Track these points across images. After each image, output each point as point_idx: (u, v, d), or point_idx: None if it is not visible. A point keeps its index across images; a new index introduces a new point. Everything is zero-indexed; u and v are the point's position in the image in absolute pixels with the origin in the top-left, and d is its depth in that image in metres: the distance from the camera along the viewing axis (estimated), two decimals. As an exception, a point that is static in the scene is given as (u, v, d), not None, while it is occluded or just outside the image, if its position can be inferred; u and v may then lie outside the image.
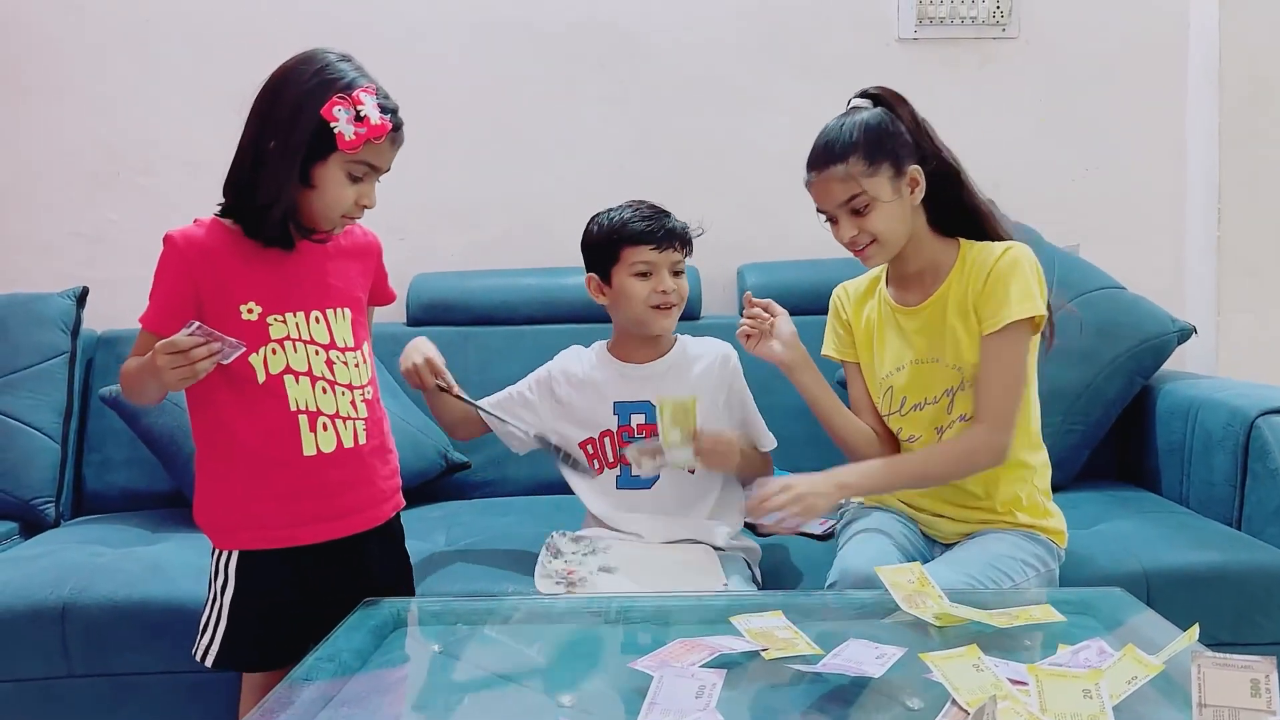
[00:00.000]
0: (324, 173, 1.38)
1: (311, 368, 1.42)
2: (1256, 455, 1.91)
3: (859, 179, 1.54)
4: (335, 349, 1.45)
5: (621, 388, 1.75)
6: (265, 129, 1.37)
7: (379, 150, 1.40)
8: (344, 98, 1.35)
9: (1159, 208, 2.73)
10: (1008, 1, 2.67)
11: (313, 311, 1.44)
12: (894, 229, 1.58)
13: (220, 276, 1.39)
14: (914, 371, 1.65)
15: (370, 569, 1.51)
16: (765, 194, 2.71)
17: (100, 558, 1.91)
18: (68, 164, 2.65)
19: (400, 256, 2.17)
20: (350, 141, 1.35)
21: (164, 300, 1.38)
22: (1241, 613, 1.74)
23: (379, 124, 1.36)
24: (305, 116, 1.34)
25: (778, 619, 1.30)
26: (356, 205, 1.42)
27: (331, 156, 1.37)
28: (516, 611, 1.53)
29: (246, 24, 2.62)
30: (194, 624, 1.71)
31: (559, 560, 1.67)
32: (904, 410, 1.66)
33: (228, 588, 1.45)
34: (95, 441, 2.39)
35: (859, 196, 1.55)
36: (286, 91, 1.37)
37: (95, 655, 1.75)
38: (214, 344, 1.27)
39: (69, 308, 2.40)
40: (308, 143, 1.35)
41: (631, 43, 2.68)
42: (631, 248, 1.69)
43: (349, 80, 1.37)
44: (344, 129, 1.34)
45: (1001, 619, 1.29)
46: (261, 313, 1.40)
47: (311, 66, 1.38)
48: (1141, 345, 2.24)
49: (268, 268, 1.41)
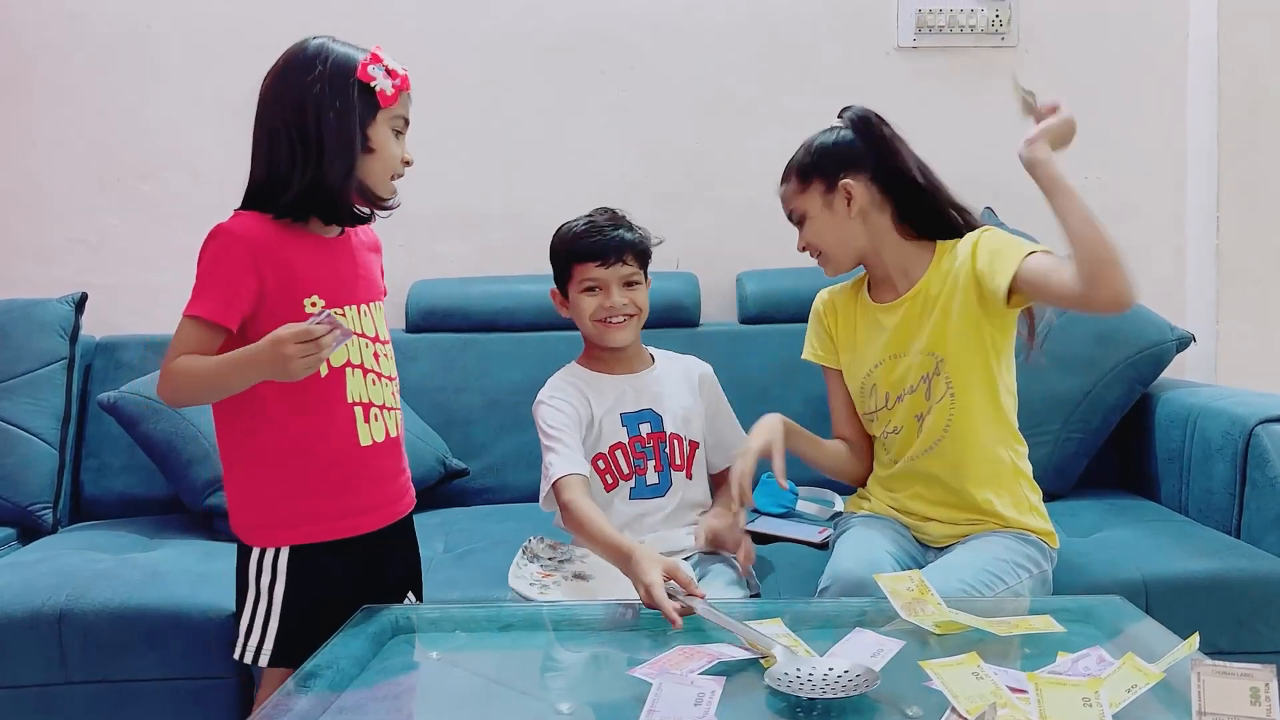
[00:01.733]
0: (376, 133, 1.42)
1: (364, 360, 1.45)
2: (1255, 463, 1.91)
3: (793, 198, 1.74)
4: (379, 342, 1.49)
5: (622, 399, 1.74)
6: (301, 112, 1.38)
7: (406, 101, 1.45)
8: (373, 59, 1.41)
9: (1158, 216, 2.73)
10: (1007, 11, 2.67)
11: (361, 305, 1.47)
12: (827, 240, 1.71)
13: (287, 269, 1.39)
14: (890, 366, 1.69)
15: (407, 557, 1.59)
16: (765, 202, 2.67)
17: (98, 564, 1.90)
18: (69, 169, 2.65)
19: (401, 263, 2.18)
20: (390, 96, 1.41)
21: (226, 291, 1.36)
22: (1241, 621, 1.74)
23: (403, 73, 1.44)
24: (347, 84, 1.39)
25: (777, 626, 1.30)
26: (402, 162, 1.46)
27: (379, 115, 1.41)
28: (515, 618, 1.52)
29: (248, 32, 2.63)
30: (191, 630, 1.73)
31: (534, 565, 1.68)
32: (889, 404, 1.70)
33: (277, 584, 1.42)
34: (93, 447, 2.39)
35: (794, 212, 1.75)
36: (309, 72, 1.39)
37: (92, 662, 1.75)
38: (337, 331, 1.28)
39: (68, 313, 2.40)
40: (358, 108, 1.39)
41: (633, 53, 2.69)
42: (580, 264, 1.71)
43: (357, 48, 1.44)
44: (383, 84, 1.40)
45: (1001, 627, 1.29)
46: (324, 305, 1.39)
47: (312, 48, 1.43)
48: (1141, 353, 2.24)
49: (324, 260, 1.44)
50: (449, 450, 2.33)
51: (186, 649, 1.74)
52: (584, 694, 1.27)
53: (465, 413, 2.41)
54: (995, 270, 1.55)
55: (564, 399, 1.71)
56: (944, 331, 1.63)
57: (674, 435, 1.74)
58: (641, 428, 1.73)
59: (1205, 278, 2.68)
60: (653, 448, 1.73)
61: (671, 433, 1.74)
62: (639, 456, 1.72)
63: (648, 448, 1.73)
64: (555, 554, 1.71)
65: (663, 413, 1.75)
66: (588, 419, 1.71)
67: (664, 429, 1.74)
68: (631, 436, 1.73)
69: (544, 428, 1.68)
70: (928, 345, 1.65)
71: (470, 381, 2.42)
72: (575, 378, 1.76)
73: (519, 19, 2.67)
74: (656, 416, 1.74)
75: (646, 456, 1.73)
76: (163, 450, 2.15)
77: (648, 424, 1.74)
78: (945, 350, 1.63)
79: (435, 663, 1.39)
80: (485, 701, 1.26)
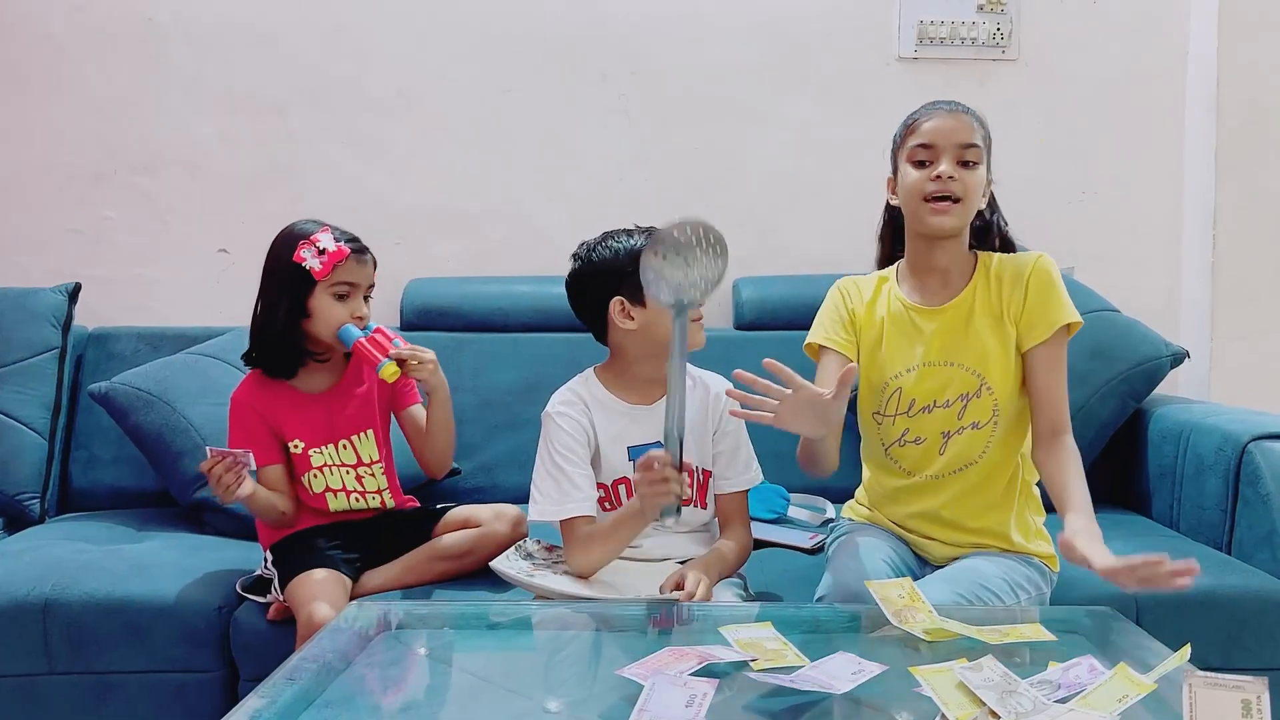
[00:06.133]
0: (315, 302, 1.77)
1: (345, 484, 1.84)
2: (1248, 480, 1.90)
3: (974, 133, 1.59)
4: (362, 465, 1.85)
5: (632, 431, 1.66)
6: (266, 288, 1.80)
7: (350, 269, 1.77)
8: (306, 242, 1.76)
9: (1155, 231, 2.74)
10: (1008, 24, 2.68)
11: (341, 440, 1.84)
12: (977, 197, 1.61)
13: (275, 421, 1.81)
14: (926, 374, 1.63)
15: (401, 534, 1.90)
16: (763, 208, 2.71)
17: (84, 554, 1.89)
18: (66, 160, 2.64)
19: (395, 262, 2.17)
20: (320, 271, 1.75)
21: (252, 443, 1.76)
22: (1231, 636, 1.73)
23: (336, 250, 1.76)
24: (287, 267, 1.77)
25: (767, 630, 1.29)
26: (353, 317, 1.78)
27: (316, 288, 1.76)
28: (504, 616, 1.51)
29: (249, 25, 2.63)
30: (177, 623, 1.72)
31: (526, 561, 1.65)
32: (912, 412, 1.64)
33: None
34: (83, 438, 2.38)
35: (974, 148, 1.59)
36: (272, 259, 1.80)
37: (76, 653, 1.73)
38: (228, 459, 1.63)
39: (61, 303, 2.39)
40: (295, 284, 1.76)
41: (634, 54, 2.69)
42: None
43: (308, 230, 1.78)
44: (312, 263, 1.75)
45: (991, 635, 1.28)
46: (304, 446, 1.81)
47: (285, 235, 1.80)
48: (1135, 369, 2.24)
49: (306, 410, 1.82)
50: (440, 449, 2.31)
51: (171, 642, 1.73)
52: (573, 693, 1.26)
53: (458, 413, 2.31)
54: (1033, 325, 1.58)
55: (574, 418, 1.64)
56: (985, 352, 1.60)
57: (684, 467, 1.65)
58: None
59: (1200, 293, 2.68)
60: None
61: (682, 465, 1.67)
62: None
63: None
64: (550, 555, 1.69)
65: None
66: (593, 447, 1.65)
67: None
68: None
69: (553, 449, 1.62)
70: (972, 363, 1.61)
71: (464, 381, 2.41)
72: (588, 394, 1.68)
73: (521, 18, 2.67)
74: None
75: None
76: (153, 443, 2.14)
77: None
78: (990, 374, 1.60)
79: (423, 659, 1.38)
80: (472, 699, 1.25)
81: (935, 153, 1.58)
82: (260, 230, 1.92)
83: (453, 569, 1.81)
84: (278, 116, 2.65)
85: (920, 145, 1.59)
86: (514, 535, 1.81)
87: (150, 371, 2.21)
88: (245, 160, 2.65)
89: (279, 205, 2.54)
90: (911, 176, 1.60)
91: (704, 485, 1.71)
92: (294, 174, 2.66)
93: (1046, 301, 1.59)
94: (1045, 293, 1.59)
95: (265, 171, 2.65)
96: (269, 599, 1.74)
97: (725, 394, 1.56)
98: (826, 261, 2.61)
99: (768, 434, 1.82)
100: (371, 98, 2.66)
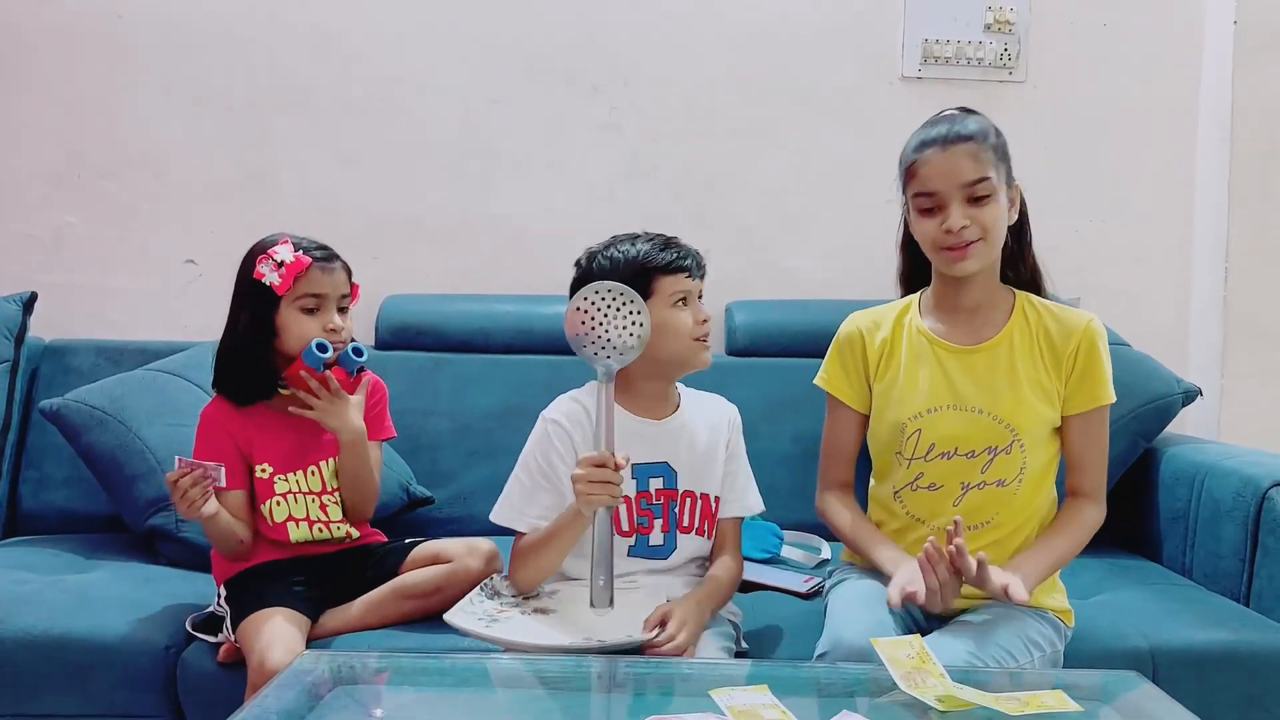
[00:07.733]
0: (281, 318, 1.68)
1: (308, 513, 1.73)
2: (1268, 528, 1.80)
3: (986, 166, 1.45)
4: (327, 493, 1.75)
5: (638, 448, 1.55)
6: (232, 308, 1.71)
7: (314, 279, 1.67)
8: (263, 256, 1.66)
9: (1163, 263, 2.66)
10: (1016, 44, 2.59)
11: (309, 466, 1.74)
12: (1001, 231, 1.49)
13: (245, 442, 1.71)
14: (950, 417, 1.53)
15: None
16: (759, 229, 2.61)
17: (24, 585, 1.76)
18: (26, 161, 2.52)
19: (372, 276, 2.06)
20: (280, 285, 1.65)
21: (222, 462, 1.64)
22: (1252, 697, 1.63)
23: (294, 260, 1.65)
24: (248, 284, 1.68)
25: (763, 695, 1.17)
26: (325, 330, 1.67)
27: (280, 303, 1.67)
28: (470, 672, 1.38)
29: (224, 24, 2.52)
30: (120, 664, 1.59)
31: (493, 601, 1.53)
32: (929, 456, 1.54)
33: None
34: (34, 458, 2.25)
35: (984, 182, 1.44)
36: (239, 277, 1.71)
37: (7, 695, 1.60)
38: (198, 471, 1.55)
39: (15, 313, 2.26)
40: (258, 303, 1.67)
41: (627, 68, 2.59)
42: (668, 276, 1.54)
43: (267, 243, 1.68)
44: (271, 278, 1.65)
45: (1011, 705, 1.17)
46: (272, 471, 1.71)
47: (250, 251, 1.70)
48: (1145, 406, 2.14)
49: (278, 433, 1.72)
50: (413, 476, 2.20)
51: (113, 685, 1.60)
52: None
53: (433, 437, 2.28)
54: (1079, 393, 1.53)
55: (568, 433, 1.57)
56: (1022, 405, 1.50)
57: (686, 493, 1.59)
58: (652, 483, 1.58)
59: (1211, 329, 2.59)
60: (661, 506, 1.58)
61: (685, 490, 1.59)
62: (644, 514, 1.58)
63: (656, 505, 1.58)
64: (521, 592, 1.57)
65: (678, 468, 1.59)
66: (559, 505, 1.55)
67: (676, 486, 1.59)
68: (640, 491, 1.57)
69: (536, 458, 1.57)
70: (1006, 415, 1.50)
71: (440, 404, 2.30)
72: (592, 407, 1.57)
73: (509, 27, 2.57)
74: (671, 472, 1.59)
75: (653, 515, 1.58)
76: (105, 464, 2.01)
77: (660, 479, 1.58)
78: (1025, 430, 1.50)
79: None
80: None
81: (941, 199, 1.46)
82: (230, 241, 1.82)
83: (419, 608, 1.66)
84: (251, 120, 2.53)
85: (922, 194, 1.48)
86: (487, 572, 1.67)
87: (106, 388, 2.08)
88: (216, 166, 2.53)
89: (251, 214, 2.44)
90: (922, 226, 1.50)
91: (705, 513, 1.62)
92: (267, 181, 2.54)
93: (1093, 375, 1.53)
94: (1093, 367, 1.53)
95: (237, 178, 2.53)
96: (220, 638, 1.61)
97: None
98: (824, 286, 2.53)
99: (759, 466, 1.74)
100: (350, 103, 2.55)
